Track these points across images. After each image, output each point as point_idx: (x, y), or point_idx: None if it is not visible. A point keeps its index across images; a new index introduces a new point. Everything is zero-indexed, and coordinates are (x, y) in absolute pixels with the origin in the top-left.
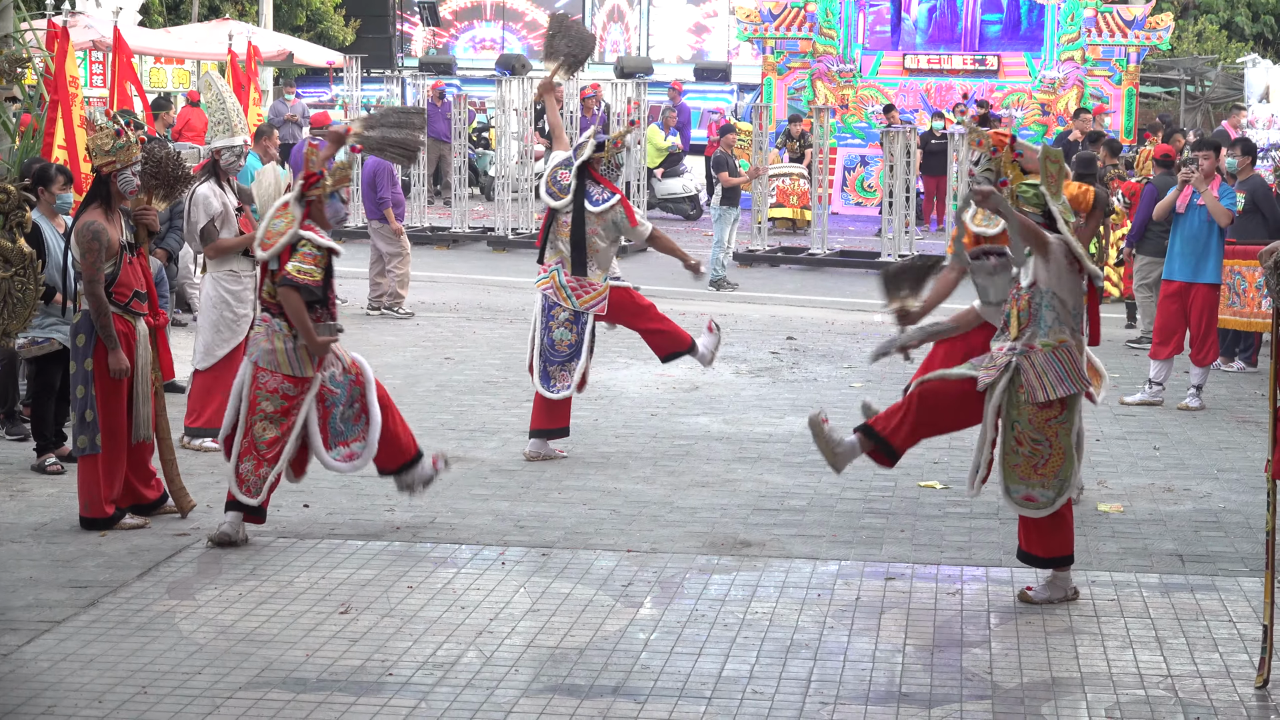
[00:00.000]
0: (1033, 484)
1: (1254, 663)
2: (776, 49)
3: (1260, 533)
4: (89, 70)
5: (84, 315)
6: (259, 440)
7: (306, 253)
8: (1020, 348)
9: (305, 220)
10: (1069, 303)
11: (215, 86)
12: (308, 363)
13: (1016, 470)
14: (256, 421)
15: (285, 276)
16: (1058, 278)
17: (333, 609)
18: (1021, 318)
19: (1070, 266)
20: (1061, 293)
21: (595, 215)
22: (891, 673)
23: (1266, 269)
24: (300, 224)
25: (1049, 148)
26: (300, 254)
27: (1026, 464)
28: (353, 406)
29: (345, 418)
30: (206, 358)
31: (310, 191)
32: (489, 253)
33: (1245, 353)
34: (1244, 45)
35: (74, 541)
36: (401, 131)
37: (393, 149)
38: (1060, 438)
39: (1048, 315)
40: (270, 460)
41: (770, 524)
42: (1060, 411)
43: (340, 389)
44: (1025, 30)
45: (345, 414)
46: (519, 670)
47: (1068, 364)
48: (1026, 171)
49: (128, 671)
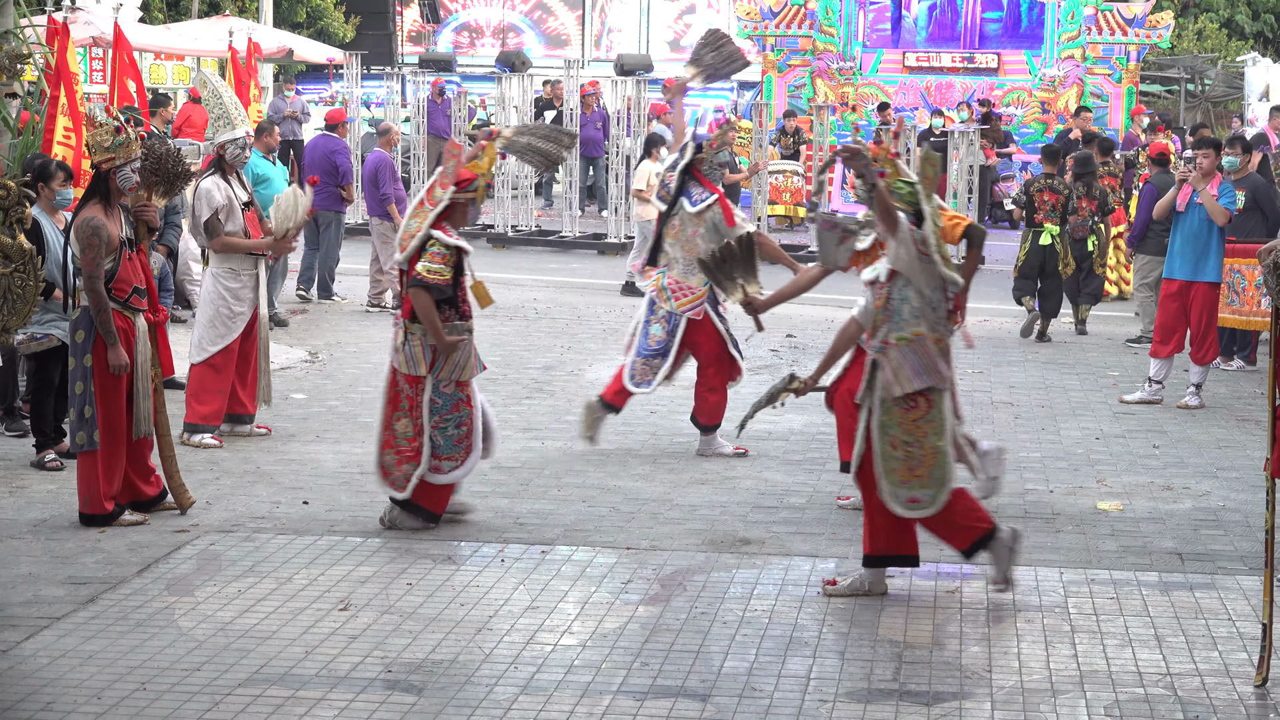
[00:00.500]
0: (913, 486)
1: (1253, 661)
2: (777, 46)
3: (1259, 531)
4: (89, 67)
5: (83, 311)
6: (400, 437)
7: (435, 252)
8: (878, 345)
9: (444, 220)
10: (926, 295)
11: (210, 83)
12: (421, 361)
13: (896, 474)
14: (398, 419)
15: (415, 277)
16: (909, 265)
17: (332, 606)
18: (879, 315)
19: (922, 256)
20: (917, 283)
21: (692, 216)
22: (891, 671)
23: (1265, 267)
24: (434, 223)
25: (929, 151)
26: (429, 253)
27: (904, 467)
28: (459, 428)
29: (448, 434)
30: (199, 352)
31: (462, 193)
32: (489, 249)
33: (1244, 351)
34: (1244, 43)
35: (73, 538)
36: (548, 144)
37: (535, 155)
38: (930, 438)
39: (904, 309)
40: (409, 458)
41: (770, 521)
42: (926, 411)
43: (444, 400)
44: (1025, 28)
45: (449, 429)
46: (518, 667)
47: (923, 358)
48: None
49: (127, 668)
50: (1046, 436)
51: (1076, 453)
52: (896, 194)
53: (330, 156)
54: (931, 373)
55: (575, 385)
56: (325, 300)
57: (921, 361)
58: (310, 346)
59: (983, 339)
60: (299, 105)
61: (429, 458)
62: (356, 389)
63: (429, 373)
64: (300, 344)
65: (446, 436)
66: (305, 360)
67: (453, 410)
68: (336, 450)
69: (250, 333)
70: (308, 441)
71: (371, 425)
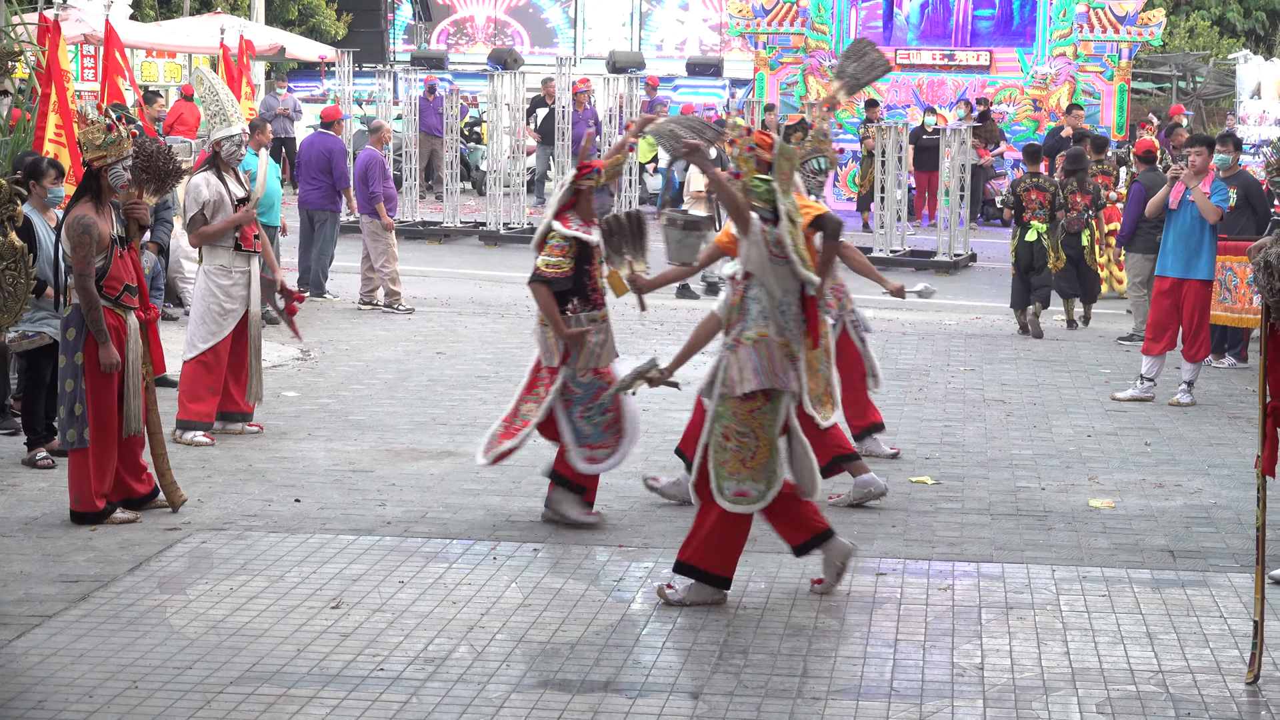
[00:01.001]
0: (743, 478)
1: (1245, 658)
2: (769, 44)
3: (1251, 528)
4: (80, 64)
5: (74, 309)
6: (518, 416)
7: (555, 245)
8: (729, 342)
9: (568, 210)
10: (776, 296)
11: (207, 80)
12: (554, 353)
13: (726, 467)
14: (525, 401)
15: (534, 272)
16: (760, 265)
17: (324, 604)
18: (733, 312)
19: (774, 257)
20: (767, 283)
21: None
22: (882, 668)
23: (1256, 265)
24: (559, 214)
25: (784, 145)
26: (549, 246)
27: (735, 459)
28: (605, 414)
29: (594, 421)
30: (190, 349)
31: (582, 181)
32: (480, 247)
33: (1235, 348)
34: (1236, 41)
35: (64, 536)
36: (689, 132)
37: (672, 141)
38: (765, 429)
39: (754, 307)
40: (511, 434)
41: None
42: (764, 403)
43: (582, 389)
44: (1017, 26)
45: (594, 417)
46: (510, 665)
47: (765, 358)
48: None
49: (118, 666)
50: (1038, 434)
51: (1068, 450)
52: (754, 191)
53: (326, 155)
54: (771, 375)
55: None
56: (318, 298)
57: (763, 363)
58: (302, 344)
59: (975, 336)
60: (291, 103)
61: (577, 447)
62: (349, 387)
63: (563, 364)
64: (292, 342)
65: (594, 425)
66: (297, 358)
67: (593, 399)
68: (329, 448)
69: (243, 331)
70: (300, 439)
71: (364, 423)
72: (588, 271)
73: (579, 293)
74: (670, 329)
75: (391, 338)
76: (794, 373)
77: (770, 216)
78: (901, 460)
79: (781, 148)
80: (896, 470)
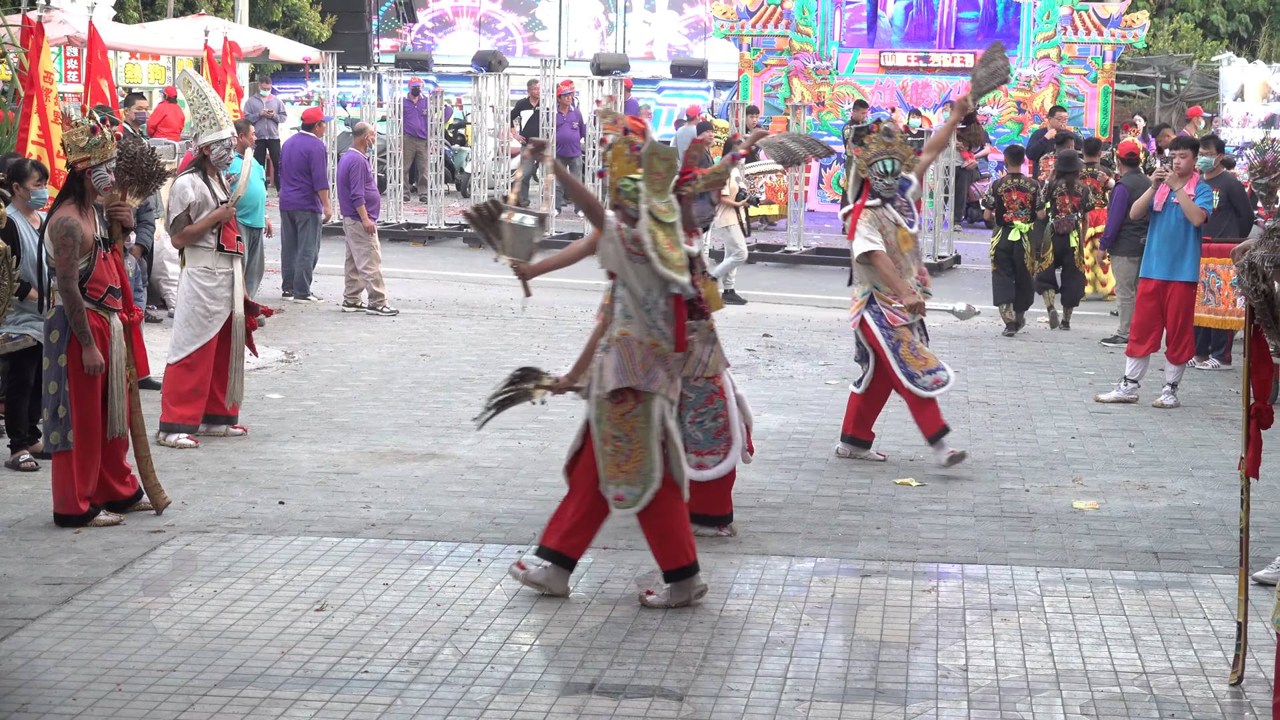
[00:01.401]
0: (619, 482)
1: (1228, 659)
2: (753, 46)
3: (1234, 530)
4: (64, 66)
5: (58, 311)
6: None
7: None
8: (604, 342)
9: None
10: (639, 294)
11: (195, 83)
12: None
13: (606, 469)
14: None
15: None
16: (618, 264)
17: (308, 606)
18: (608, 312)
19: (632, 255)
20: (629, 282)
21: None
22: (867, 670)
23: (1240, 267)
24: None
25: (657, 144)
26: None
27: (612, 462)
28: (716, 420)
29: (705, 427)
30: (176, 352)
31: (682, 188)
32: (465, 249)
33: (1219, 350)
34: (1219, 43)
35: (48, 538)
36: (800, 146)
37: (782, 153)
38: (638, 432)
39: (618, 306)
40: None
41: (746, 521)
42: (634, 405)
43: (695, 394)
44: (1001, 28)
45: (705, 423)
46: (495, 667)
47: (625, 357)
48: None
49: (102, 669)
50: (1022, 436)
51: (1052, 452)
52: (621, 190)
53: (306, 157)
54: (630, 374)
55: None
56: (302, 300)
57: (623, 362)
58: (286, 346)
59: (959, 338)
60: (275, 105)
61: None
62: (333, 389)
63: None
64: (276, 344)
65: (705, 430)
66: (281, 360)
67: (706, 403)
68: (313, 450)
69: (227, 333)
70: (284, 442)
71: (348, 425)
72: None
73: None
74: None
75: (376, 340)
76: (663, 373)
77: (635, 215)
78: (886, 462)
79: (652, 146)
80: (881, 473)
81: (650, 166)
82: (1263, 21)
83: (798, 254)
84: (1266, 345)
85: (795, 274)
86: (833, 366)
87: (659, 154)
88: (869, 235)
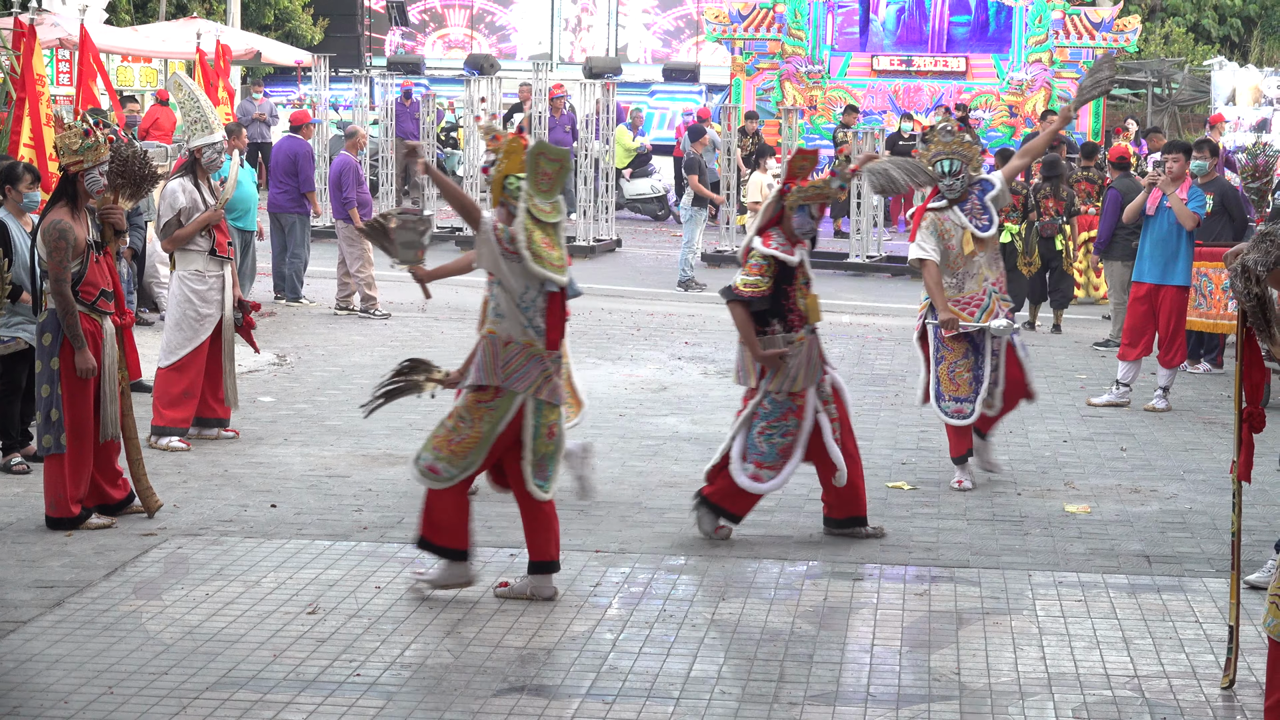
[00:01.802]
0: (441, 456)
1: (1220, 663)
2: (745, 49)
3: (1226, 534)
4: (55, 69)
5: (50, 314)
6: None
7: (753, 263)
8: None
9: (772, 227)
10: (515, 293)
11: (186, 86)
12: (752, 373)
13: (434, 439)
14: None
15: (729, 289)
16: (493, 262)
17: (300, 609)
18: (487, 309)
19: (507, 253)
20: (504, 280)
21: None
22: (859, 673)
23: (1232, 271)
24: (762, 230)
25: (545, 144)
26: (748, 264)
27: (444, 436)
28: (784, 438)
29: (773, 441)
30: (168, 355)
31: (782, 199)
32: (457, 252)
33: (1211, 354)
34: (1210, 48)
35: (40, 541)
36: (904, 175)
37: (884, 180)
38: (482, 422)
39: (490, 305)
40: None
41: (738, 525)
42: (493, 398)
43: (771, 406)
44: (993, 32)
45: (774, 437)
46: (487, 670)
47: (488, 355)
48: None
49: (94, 672)
50: (1014, 439)
51: (1044, 455)
52: (507, 189)
53: (293, 159)
54: (490, 372)
55: None
56: (294, 303)
57: (484, 359)
58: (278, 349)
59: None
60: (267, 108)
61: (742, 462)
62: (325, 392)
63: (759, 382)
64: (268, 347)
65: (771, 444)
66: (273, 363)
67: (780, 419)
68: (304, 453)
69: (218, 335)
70: (275, 445)
71: (340, 428)
72: (786, 292)
73: (778, 313)
74: (646, 333)
75: (368, 343)
76: (536, 372)
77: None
78: (878, 466)
79: (540, 146)
80: (873, 476)
81: (536, 166)
82: (1254, 26)
83: None
84: (1259, 349)
85: None
86: None
87: (547, 154)
88: (923, 242)
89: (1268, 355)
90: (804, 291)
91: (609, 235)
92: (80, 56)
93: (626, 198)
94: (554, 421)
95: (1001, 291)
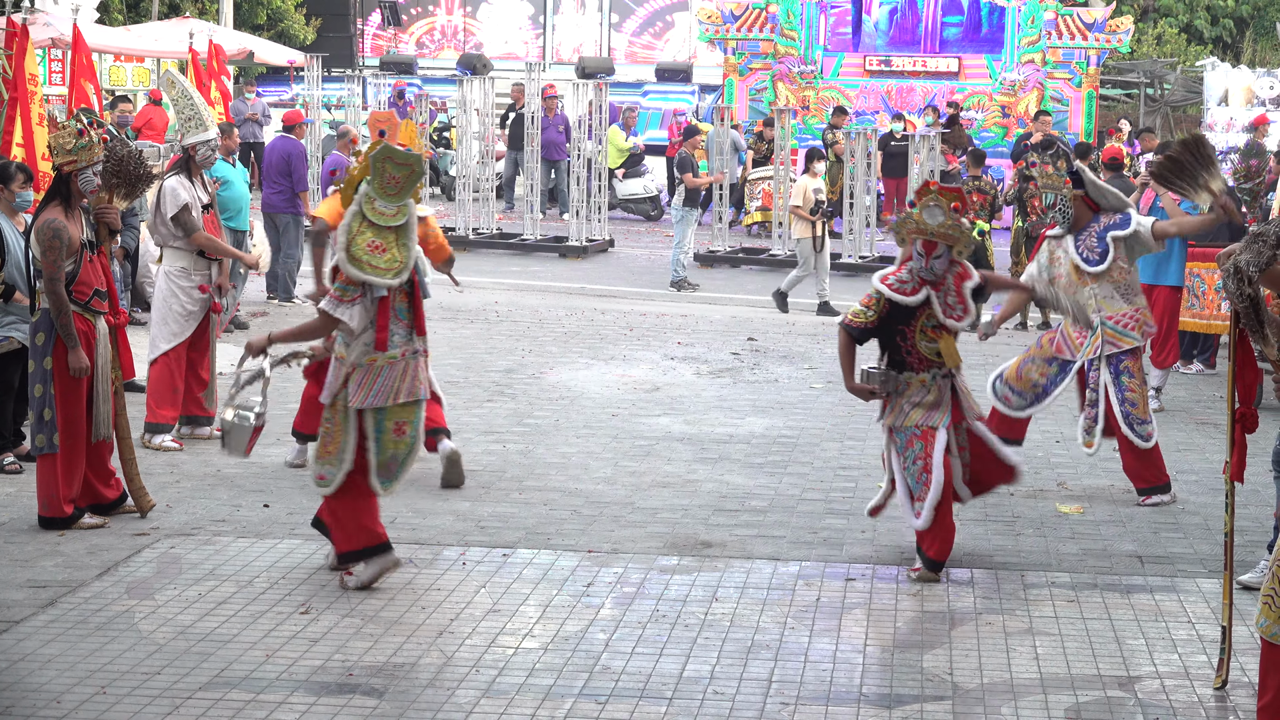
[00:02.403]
0: (323, 463)
1: (1213, 664)
2: (738, 50)
3: (1219, 534)
4: (48, 68)
5: (44, 313)
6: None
7: (868, 293)
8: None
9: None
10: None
11: (179, 84)
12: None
13: (316, 449)
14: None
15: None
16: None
17: (293, 609)
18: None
19: (349, 262)
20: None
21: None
22: (852, 673)
23: (1225, 271)
24: (901, 263)
25: (393, 149)
26: (866, 295)
27: (321, 443)
28: (916, 463)
29: (910, 471)
30: (152, 350)
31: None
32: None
33: (1203, 355)
34: (1203, 48)
35: (32, 541)
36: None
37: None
38: (343, 420)
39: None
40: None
41: (731, 525)
42: (338, 410)
43: (902, 437)
44: (986, 32)
45: (909, 466)
46: (480, 671)
47: (332, 375)
48: None
49: (86, 671)
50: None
51: (1037, 456)
52: (357, 190)
53: (286, 159)
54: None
55: (536, 388)
56: (286, 303)
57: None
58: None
59: None
60: (260, 108)
61: (909, 502)
62: None
63: (881, 417)
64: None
65: (911, 476)
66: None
67: (908, 445)
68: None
69: (203, 333)
70: (268, 445)
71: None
72: (903, 332)
73: (890, 350)
74: (639, 334)
75: None
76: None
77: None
78: (871, 467)
79: (386, 150)
80: (866, 477)
81: (382, 171)
82: (1246, 26)
83: (782, 257)
84: (1251, 350)
85: (780, 277)
86: (817, 370)
87: (394, 159)
88: (1031, 266)
89: (1260, 356)
90: (930, 334)
91: (602, 235)
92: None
93: (619, 198)
94: (404, 420)
95: (1124, 326)
